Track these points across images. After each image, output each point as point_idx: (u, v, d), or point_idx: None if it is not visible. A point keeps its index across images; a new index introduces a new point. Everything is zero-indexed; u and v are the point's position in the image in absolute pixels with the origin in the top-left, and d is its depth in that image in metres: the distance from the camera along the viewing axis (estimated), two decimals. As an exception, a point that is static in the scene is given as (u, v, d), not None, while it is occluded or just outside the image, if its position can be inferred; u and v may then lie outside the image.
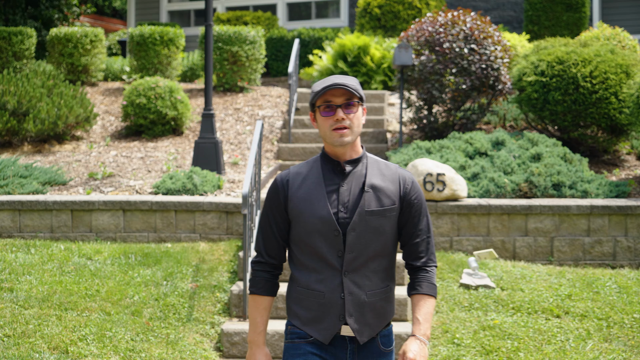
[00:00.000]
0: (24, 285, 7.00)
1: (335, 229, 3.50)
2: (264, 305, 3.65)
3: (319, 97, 3.57)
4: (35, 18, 19.70)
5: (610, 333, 6.67)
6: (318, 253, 3.54)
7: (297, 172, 3.67)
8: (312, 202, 3.55)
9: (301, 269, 3.61)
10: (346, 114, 3.53)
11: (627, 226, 8.47)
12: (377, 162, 3.67)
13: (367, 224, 3.52)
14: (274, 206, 3.64)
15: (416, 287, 3.64)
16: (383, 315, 3.62)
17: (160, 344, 6.32)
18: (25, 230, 8.57)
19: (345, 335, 3.56)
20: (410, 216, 3.62)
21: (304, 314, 3.59)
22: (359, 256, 3.53)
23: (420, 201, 3.65)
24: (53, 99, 11.23)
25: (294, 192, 3.60)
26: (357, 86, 3.58)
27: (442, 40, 10.61)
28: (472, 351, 6.34)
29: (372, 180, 3.57)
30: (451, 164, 9.20)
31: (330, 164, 3.62)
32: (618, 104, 9.79)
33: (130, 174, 9.95)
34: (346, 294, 3.52)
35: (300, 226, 3.56)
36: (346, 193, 3.55)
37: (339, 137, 3.52)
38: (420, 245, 3.65)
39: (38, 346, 6.01)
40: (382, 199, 3.56)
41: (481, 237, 8.47)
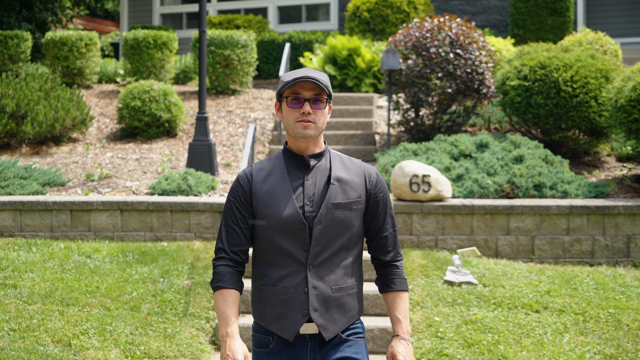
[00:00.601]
0: (27, 282, 7.31)
1: (301, 222, 3.47)
2: (232, 298, 3.54)
3: (288, 87, 3.52)
4: (29, 21, 19.96)
5: (586, 327, 7.01)
6: (283, 248, 3.49)
7: (260, 167, 3.64)
8: (277, 197, 3.51)
9: (265, 266, 3.56)
10: (313, 109, 3.50)
11: (605, 225, 8.82)
12: (340, 157, 3.66)
13: (334, 216, 3.50)
14: (238, 202, 3.59)
15: (389, 284, 3.64)
16: (350, 311, 3.58)
17: (158, 338, 6.63)
18: (26, 229, 8.88)
19: (306, 333, 3.53)
20: (377, 210, 3.62)
21: (269, 312, 3.54)
22: (325, 249, 3.50)
23: (386, 195, 3.66)
24: (50, 102, 11.53)
25: (259, 187, 3.56)
26: (328, 83, 3.55)
27: (429, 45, 10.96)
28: (454, 344, 6.68)
29: (337, 173, 3.56)
30: (437, 165, 9.54)
31: (293, 159, 3.59)
32: (598, 107, 10.14)
33: (126, 175, 10.26)
34: (310, 288, 3.49)
35: (265, 221, 3.52)
36: (311, 187, 3.53)
37: (302, 128, 3.49)
38: (387, 240, 3.65)
39: (42, 339, 6.32)
40: (348, 191, 3.55)
41: (465, 236, 8.82)
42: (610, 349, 6.61)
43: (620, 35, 17.22)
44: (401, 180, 8.78)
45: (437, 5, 18.32)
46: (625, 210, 8.77)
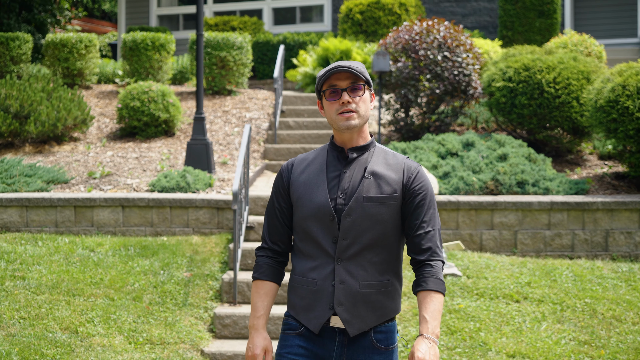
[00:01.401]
0: (34, 274, 7.72)
1: (330, 213, 3.45)
2: (265, 290, 3.61)
3: (324, 81, 3.50)
4: (29, 22, 20.33)
5: (563, 316, 7.44)
6: (314, 239, 3.49)
7: (303, 158, 3.65)
8: (311, 187, 3.52)
9: (299, 256, 3.57)
10: (352, 98, 3.45)
11: (585, 220, 9.25)
12: (384, 152, 3.59)
13: (364, 210, 3.44)
14: (278, 191, 3.63)
15: (421, 283, 3.49)
16: (380, 309, 3.50)
17: (159, 326, 7.05)
18: (32, 225, 9.29)
19: (335, 326, 3.50)
20: (414, 207, 3.51)
21: (298, 302, 3.55)
22: (354, 243, 3.45)
23: (425, 191, 3.53)
24: (52, 102, 11.93)
25: (297, 177, 3.58)
26: (363, 69, 3.50)
27: (418, 47, 11.38)
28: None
29: (374, 167, 3.50)
30: (424, 163, 9.96)
31: (335, 151, 3.57)
32: (579, 107, 10.58)
33: (126, 173, 10.67)
34: (337, 282, 3.45)
35: (299, 211, 3.53)
36: (347, 180, 3.50)
37: (345, 120, 3.45)
38: (423, 238, 3.51)
39: (51, 327, 6.73)
40: (383, 186, 3.48)
41: (451, 231, 9.24)
42: (585, 336, 7.03)
43: (607, 37, 17.65)
44: (390, 177, 9.19)
45: (428, 7, 18.74)
46: (603, 206, 9.21)
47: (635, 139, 9.39)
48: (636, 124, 9.29)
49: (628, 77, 9.59)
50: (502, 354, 6.69)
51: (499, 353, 6.71)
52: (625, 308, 7.55)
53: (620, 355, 6.65)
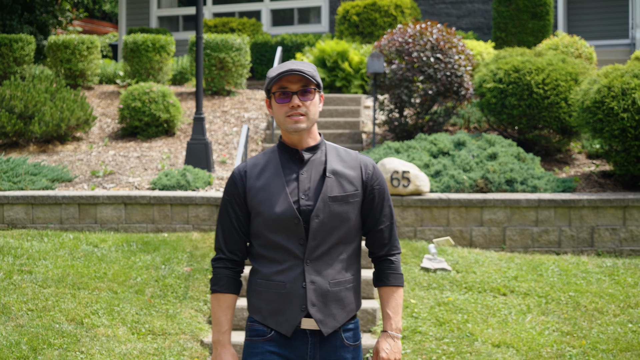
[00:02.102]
0: (41, 269, 8.05)
1: (295, 217, 3.43)
2: (227, 304, 3.54)
3: (274, 83, 3.47)
4: (31, 23, 20.65)
5: (548, 308, 7.77)
6: (278, 243, 3.46)
7: (254, 163, 3.58)
8: (271, 192, 3.47)
9: (262, 261, 3.52)
10: (302, 101, 3.44)
11: (571, 217, 9.58)
12: (335, 149, 3.60)
13: (330, 210, 3.45)
14: (233, 199, 3.55)
15: (382, 278, 3.60)
16: (348, 306, 3.54)
17: (161, 318, 7.37)
18: (37, 221, 9.62)
19: (306, 328, 3.49)
20: (374, 203, 3.56)
21: (264, 306, 3.50)
22: (322, 243, 3.46)
23: (382, 187, 3.59)
24: (56, 103, 12.26)
25: (253, 183, 3.52)
26: (314, 73, 3.48)
27: (411, 49, 11.70)
28: (427, 322, 7.43)
29: (333, 166, 3.51)
30: (417, 162, 10.29)
31: (287, 153, 3.54)
32: (567, 108, 10.91)
33: (128, 171, 11.00)
34: (308, 282, 3.44)
35: (261, 217, 3.48)
36: (306, 180, 3.48)
37: (293, 123, 3.44)
38: (383, 233, 3.59)
39: (57, 318, 7.05)
40: (344, 184, 3.50)
41: (442, 227, 9.57)
42: (568, 327, 7.36)
43: (600, 38, 17.98)
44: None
45: (424, 8, 19.07)
46: (589, 203, 9.53)
47: (620, 139, 9.72)
48: (621, 124, 9.62)
49: (613, 79, 9.92)
50: (487, 344, 7.01)
51: (484, 343, 7.03)
52: (607, 301, 7.87)
53: (600, 345, 6.97)
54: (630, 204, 9.52)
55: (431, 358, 6.82)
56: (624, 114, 9.60)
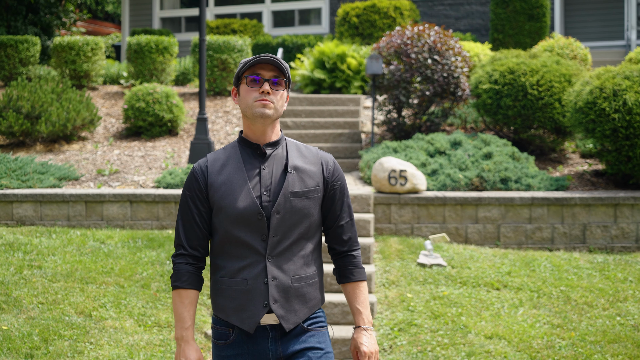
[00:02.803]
0: (50, 264, 8.34)
1: (258, 212, 3.44)
2: (189, 299, 3.53)
3: (248, 68, 3.50)
4: (35, 24, 20.95)
5: (539, 302, 8.05)
6: (241, 239, 3.46)
7: (215, 158, 3.58)
8: (233, 187, 3.48)
9: (223, 257, 3.53)
10: (272, 90, 3.47)
11: (564, 215, 9.87)
12: (296, 145, 3.62)
13: (292, 205, 3.46)
14: (195, 195, 3.55)
15: (348, 275, 3.64)
16: (310, 301, 3.56)
17: (166, 311, 7.66)
18: (45, 219, 9.91)
19: (266, 324, 3.50)
20: (335, 199, 3.61)
21: (228, 303, 3.50)
22: (284, 239, 3.47)
23: (343, 184, 3.64)
24: (62, 104, 12.56)
25: (214, 178, 3.52)
26: (287, 68, 3.52)
27: (409, 51, 11.99)
28: (423, 315, 7.71)
29: (294, 162, 3.53)
30: (414, 161, 10.57)
31: (249, 148, 3.55)
32: (561, 108, 11.19)
33: (133, 170, 11.30)
34: (270, 278, 3.45)
35: (222, 212, 3.48)
36: (268, 176, 3.49)
37: (261, 107, 3.45)
38: (344, 228, 3.64)
39: (67, 311, 7.34)
40: (306, 180, 3.51)
41: (438, 225, 9.86)
42: (558, 320, 7.65)
43: (596, 39, 18.27)
44: (381, 174, 9.82)
45: (423, 10, 19.36)
46: (581, 201, 9.82)
47: (612, 139, 10.00)
48: (612, 125, 9.90)
49: (605, 81, 10.20)
50: (480, 336, 7.30)
51: (477, 335, 7.31)
52: (597, 295, 8.16)
53: (588, 337, 7.25)
54: (621, 202, 9.81)
55: (426, 349, 7.11)
56: (615, 114, 9.88)
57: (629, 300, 8.07)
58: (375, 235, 9.76)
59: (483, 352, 6.99)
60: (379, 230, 9.84)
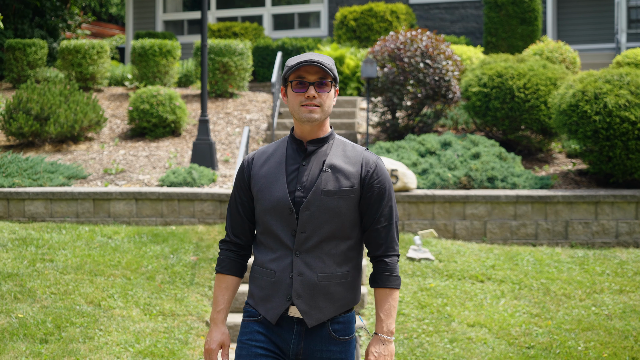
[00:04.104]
0: (61, 257, 8.88)
1: (289, 207, 3.48)
2: (226, 284, 3.65)
3: (292, 72, 3.50)
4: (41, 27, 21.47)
5: (520, 293, 8.57)
6: (273, 231, 3.52)
7: (263, 151, 3.66)
8: (270, 181, 3.53)
9: (259, 248, 3.61)
10: (318, 93, 3.48)
11: (547, 212, 10.39)
12: (343, 144, 3.61)
13: (322, 203, 3.46)
14: (239, 185, 3.66)
15: (377, 280, 3.58)
16: (339, 301, 3.55)
17: (170, 301, 8.20)
18: (55, 215, 10.45)
19: (293, 316, 3.54)
20: (372, 200, 3.55)
21: (257, 292, 3.59)
22: (312, 236, 3.48)
23: (383, 186, 3.56)
24: (70, 106, 13.10)
25: (257, 170, 3.59)
26: (332, 66, 3.52)
27: (402, 55, 12.52)
28: (410, 306, 8.24)
29: (332, 161, 3.53)
30: (405, 161, 11.10)
31: (295, 144, 3.59)
32: (547, 111, 11.72)
33: (138, 169, 11.84)
34: (295, 274, 3.49)
35: (259, 204, 3.55)
36: (306, 173, 3.51)
37: (307, 112, 3.47)
38: (380, 232, 3.56)
39: (77, 301, 7.88)
40: (341, 179, 3.50)
41: (428, 221, 10.39)
42: (537, 310, 8.17)
43: (587, 42, 18.77)
44: (373, 173, 10.35)
45: (419, 14, 19.87)
46: (563, 199, 10.34)
47: (593, 139, 10.52)
48: (593, 126, 10.42)
49: (587, 84, 10.72)
50: (463, 324, 7.82)
51: (460, 323, 7.84)
52: (575, 287, 8.68)
53: (564, 325, 7.78)
54: (602, 200, 10.33)
55: (412, 336, 7.63)
56: (596, 116, 10.40)
57: (605, 292, 8.59)
58: (367, 231, 10.26)
59: (465, 338, 7.51)
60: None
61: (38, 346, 6.86)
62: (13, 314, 7.37)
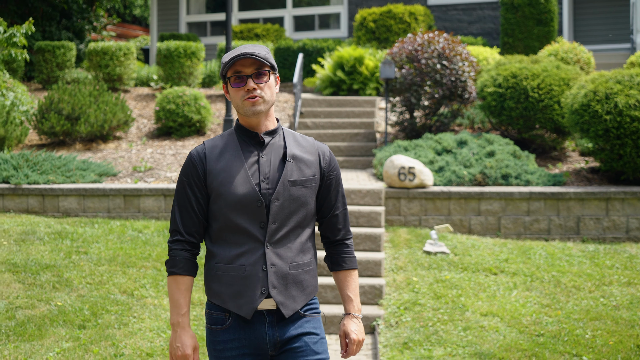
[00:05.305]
0: (94, 250, 9.37)
1: (257, 199, 3.45)
2: (185, 286, 3.55)
3: (229, 68, 3.47)
4: (68, 29, 22.04)
5: (532, 285, 8.97)
6: (240, 226, 3.46)
7: (213, 145, 3.58)
8: (232, 174, 3.47)
9: (220, 244, 3.53)
10: (257, 84, 3.44)
11: (559, 208, 10.78)
12: (292, 134, 3.63)
13: (290, 193, 3.48)
14: (192, 181, 3.53)
15: (340, 262, 3.70)
16: (307, 288, 3.60)
17: (197, 291, 8.66)
18: (88, 211, 10.96)
19: (263, 309, 3.52)
20: (330, 189, 3.65)
21: (225, 290, 3.50)
22: (282, 227, 3.49)
23: (338, 174, 3.68)
24: (99, 106, 13.62)
25: (213, 165, 3.51)
26: (267, 55, 3.48)
27: (420, 57, 12.93)
28: (426, 296, 8.66)
29: (292, 151, 3.54)
30: (422, 159, 11.52)
31: (246, 136, 3.55)
32: (560, 110, 12.10)
33: (165, 167, 12.32)
34: (269, 265, 3.47)
35: (222, 199, 3.48)
36: (267, 164, 3.50)
37: (251, 106, 3.44)
38: (339, 218, 3.69)
39: (111, 290, 8.36)
40: (304, 169, 3.53)
41: (444, 217, 10.80)
42: (547, 301, 8.57)
43: (603, 42, 19.09)
44: (391, 171, 10.78)
45: (437, 15, 20.26)
46: (575, 195, 10.73)
47: (604, 138, 10.90)
48: (604, 125, 10.80)
49: (598, 85, 11.09)
50: (476, 314, 8.24)
51: (474, 313, 8.25)
52: (585, 279, 9.07)
53: (573, 315, 8.17)
54: (612, 196, 10.71)
55: (427, 324, 8.05)
56: (607, 116, 10.77)
57: (614, 284, 8.97)
58: (385, 226, 10.70)
59: (478, 326, 7.92)
60: (390, 222, 10.79)
61: (77, 331, 7.33)
62: (52, 302, 7.86)
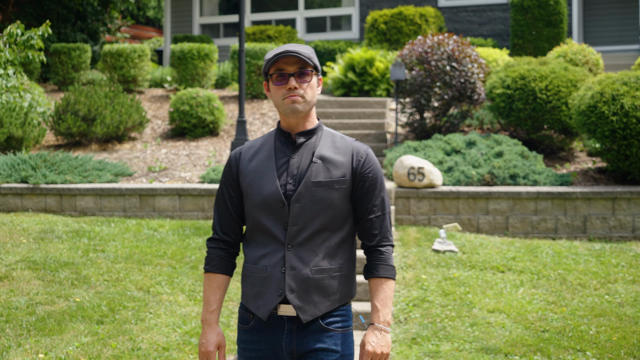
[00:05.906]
0: (111, 248, 9.62)
1: (280, 200, 3.40)
2: (217, 284, 3.57)
3: (272, 65, 3.42)
4: (83, 30, 22.35)
5: (538, 283, 9.16)
6: (264, 226, 3.43)
7: (250, 145, 3.58)
8: (260, 175, 3.46)
9: (250, 245, 3.54)
10: (299, 83, 3.39)
11: (566, 207, 10.96)
12: (332, 135, 3.54)
13: (313, 195, 3.40)
14: (227, 181, 3.57)
15: (372, 270, 3.52)
16: (333, 295, 3.46)
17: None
18: (104, 210, 11.21)
19: (283, 314, 3.44)
20: (364, 191, 3.49)
21: (249, 290, 3.51)
22: (304, 229, 3.41)
23: (375, 175, 3.51)
24: (115, 107, 13.88)
25: (245, 165, 3.51)
26: (311, 55, 3.44)
27: (430, 59, 13.13)
28: (434, 294, 8.87)
29: (322, 152, 3.46)
30: (432, 159, 11.72)
31: (282, 136, 3.51)
32: (568, 111, 12.28)
33: (180, 167, 12.57)
34: (287, 268, 3.40)
35: (249, 199, 3.47)
36: (295, 165, 3.44)
37: (290, 104, 3.39)
38: (373, 223, 3.52)
39: (128, 287, 8.60)
40: (331, 170, 3.43)
41: (452, 216, 11.00)
42: (553, 298, 8.76)
43: (612, 43, 19.23)
44: (401, 171, 10.99)
45: (448, 17, 20.44)
46: (582, 195, 10.91)
47: (610, 139, 11.08)
48: (610, 126, 10.98)
49: (605, 86, 11.27)
50: (483, 310, 8.44)
51: (481, 309, 8.45)
52: (590, 277, 9.25)
53: (578, 312, 8.36)
54: (619, 196, 10.89)
55: (435, 321, 8.26)
56: (613, 117, 10.95)
57: (619, 282, 9.16)
58: (395, 225, 10.91)
59: (485, 323, 8.12)
60: (399, 221, 11.00)
61: (95, 326, 7.57)
62: (71, 298, 8.11)
